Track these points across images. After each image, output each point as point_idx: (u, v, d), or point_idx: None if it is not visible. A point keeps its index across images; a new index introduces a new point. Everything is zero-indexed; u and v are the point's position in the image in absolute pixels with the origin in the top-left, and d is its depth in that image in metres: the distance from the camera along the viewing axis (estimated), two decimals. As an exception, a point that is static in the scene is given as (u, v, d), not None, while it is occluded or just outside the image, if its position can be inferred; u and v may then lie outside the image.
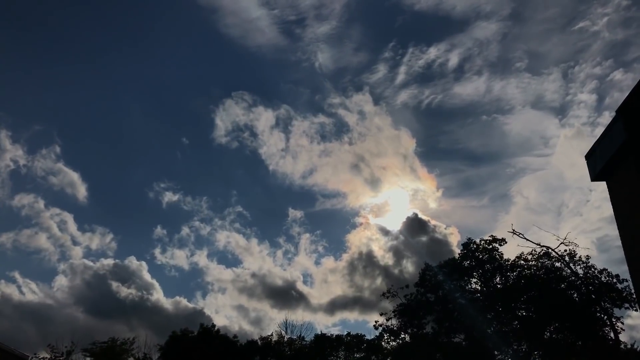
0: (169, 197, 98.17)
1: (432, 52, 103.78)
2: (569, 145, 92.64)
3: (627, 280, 40.42)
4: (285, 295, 78.17)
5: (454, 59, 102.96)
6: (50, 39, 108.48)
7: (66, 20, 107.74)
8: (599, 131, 14.90)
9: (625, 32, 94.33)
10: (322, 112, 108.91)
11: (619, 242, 14.60)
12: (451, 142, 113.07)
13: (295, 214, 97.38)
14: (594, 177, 15.34)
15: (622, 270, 42.20)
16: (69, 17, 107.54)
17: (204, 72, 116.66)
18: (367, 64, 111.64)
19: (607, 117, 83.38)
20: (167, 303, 76.46)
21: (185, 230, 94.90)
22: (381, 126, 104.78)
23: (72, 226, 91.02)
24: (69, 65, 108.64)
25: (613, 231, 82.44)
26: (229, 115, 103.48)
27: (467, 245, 46.32)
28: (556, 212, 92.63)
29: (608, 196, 15.64)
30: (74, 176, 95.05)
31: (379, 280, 71.44)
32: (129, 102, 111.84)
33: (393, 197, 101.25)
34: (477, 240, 46.21)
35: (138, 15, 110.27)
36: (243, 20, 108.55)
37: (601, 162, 14.74)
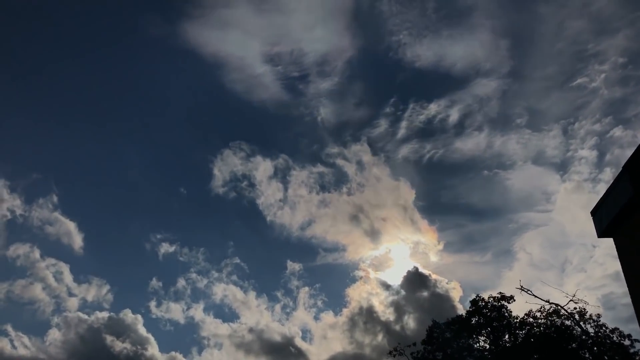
0: (166, 248, 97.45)
1: (433, 107, 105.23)
2: (571, 200, 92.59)
3: (638, 341, 39.42)
4: (284, 352, 76.53)
5: (454, 115, 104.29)
6: (50, 86, 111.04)
7: (67, 69, 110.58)
8: (601, 187, 14.96)
9: (623, 89, 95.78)
10: (320, 162, 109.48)
11: (625, 300, 14.40)
12: (453, 196, 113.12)
13: (293, 266, 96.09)
14: (601, 234, 15.27)
15: (631, 328, 41.24)
16: (69, 65, 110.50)
17: (206, 124, 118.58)
18: (369, 119, 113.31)
19: (608, 174, 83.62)
20: (162, 358, 74.94)
21: (181, 283, 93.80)
22: (380, 177, 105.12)
23: (68, 277, 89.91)
24: (69, 113, 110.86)
25: (618, 288, 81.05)
26: (226, 165, 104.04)
27: (475, 302, 45.59)
28: (560, 269, 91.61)
29: (612, 252, 15.50)
30: (71, 226, 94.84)
31: (380, 337, 69.80)
32: (129, 152, 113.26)
33: (393, 250, 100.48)
34: (485, 297, 45.56)
35: (143, 66, 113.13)
36: (248, 76, 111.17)
37: (607, 218, 14.71)
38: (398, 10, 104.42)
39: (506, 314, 44.45)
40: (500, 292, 45.30)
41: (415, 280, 72.53)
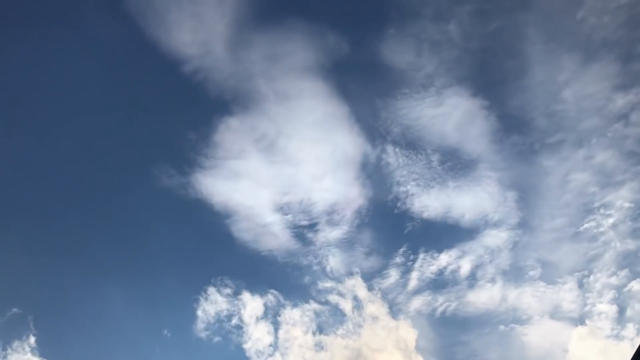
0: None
1: (444, 258, 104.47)
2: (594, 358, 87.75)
3: None
4: None
5: (465, 266, 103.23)
6: (38, 227, 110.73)
7: (72, 212, 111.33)
8: (625, 345, 14.28)
9: (635, 242, 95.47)
10: (312, 299, 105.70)
11: None
12: (469, 353, 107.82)
13: None
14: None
15: None
16: (75, 209, 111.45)
17: (210, 272, 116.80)
18: (379, 269, 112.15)
19: (631, 330, 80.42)
20: None
21: None
22: (377, 316, 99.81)
23: None
24: (52, 251, 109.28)
25: None
26: (212, 304, 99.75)
27: None
28: None
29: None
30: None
31: None
32: (117, 291, 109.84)
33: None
34: None
35: (149, 213, 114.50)
36: (256, 225, 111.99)
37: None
38: (404, 162, 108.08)
39: None
40: None
41: None
